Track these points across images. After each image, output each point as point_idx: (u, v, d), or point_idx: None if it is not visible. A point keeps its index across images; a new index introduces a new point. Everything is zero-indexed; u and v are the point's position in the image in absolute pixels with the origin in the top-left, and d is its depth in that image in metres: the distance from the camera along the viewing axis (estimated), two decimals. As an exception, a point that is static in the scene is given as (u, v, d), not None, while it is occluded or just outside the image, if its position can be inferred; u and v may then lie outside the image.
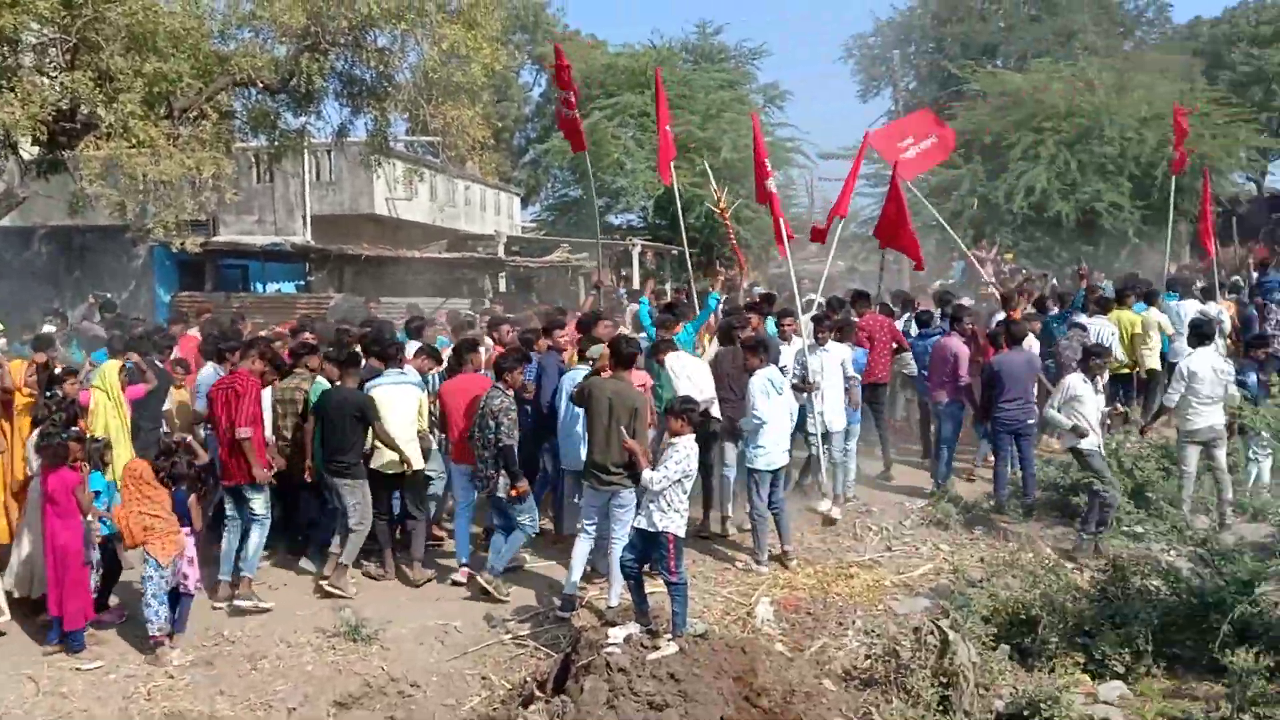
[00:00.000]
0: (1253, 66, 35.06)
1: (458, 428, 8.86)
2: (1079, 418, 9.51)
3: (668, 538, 7.06)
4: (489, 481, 8.37)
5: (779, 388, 9.28)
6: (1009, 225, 26.73)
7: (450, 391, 9.07)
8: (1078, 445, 9.59)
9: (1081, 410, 9.52)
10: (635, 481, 7.41)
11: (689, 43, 32.55)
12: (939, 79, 37.08)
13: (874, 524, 10.42)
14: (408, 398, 8.97)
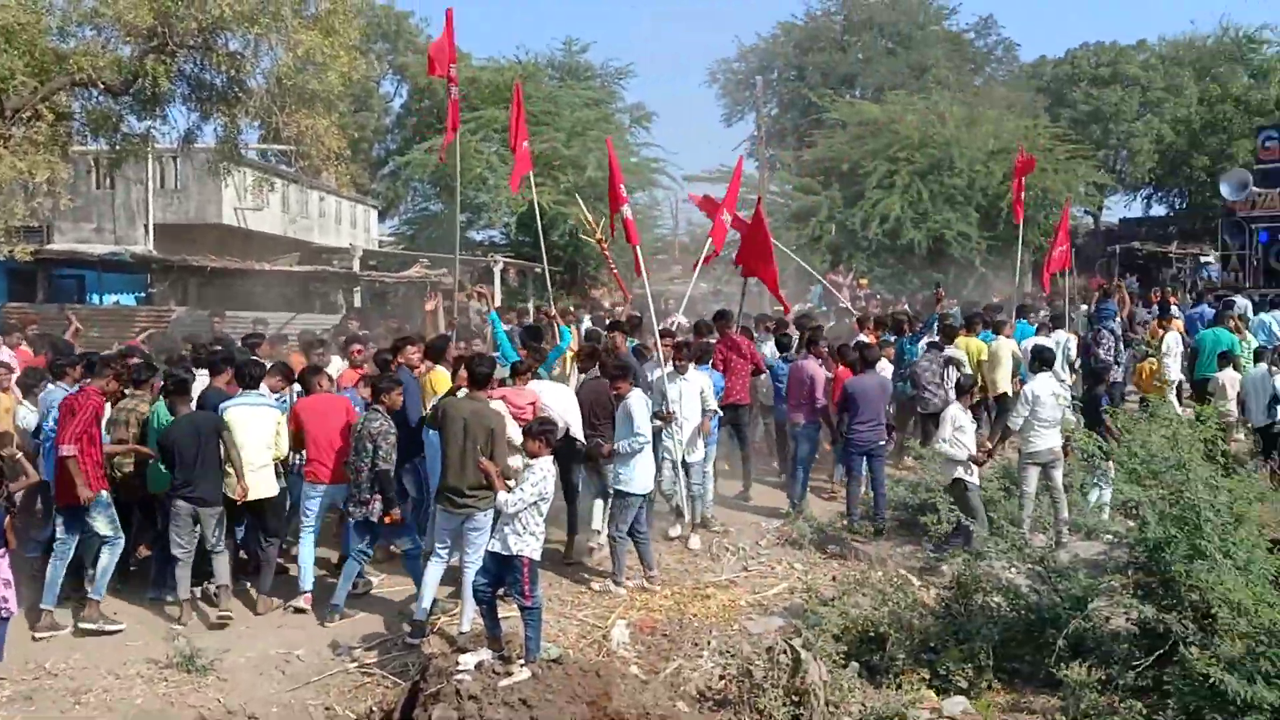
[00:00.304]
0: (1092, 105, 37.02)
1: (314, 449, 8.56)
2: (962, 448, 9.86)
3: (523, 561, 6.94)
4: (364, 506, 8.14)
5: (650, 409, 9.32)
6: (864, 251, 27.51)
7: (306, 412, 8.74)
8: (961, 476, 9.87)
9: (964, 440, 9.90)
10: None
11: (555, 59, 32.49)
12: (800, 106, 37.95)
13: (731, 544, 10.44)
14: (265, 420, 8.57)
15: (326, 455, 8.54)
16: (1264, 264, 20.76)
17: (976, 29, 43.34)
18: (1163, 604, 7.12)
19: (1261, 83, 35.64)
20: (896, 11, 41.16)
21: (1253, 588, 6.64)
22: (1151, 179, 39.08)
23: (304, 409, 8.80)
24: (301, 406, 8.87)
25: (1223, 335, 14.88)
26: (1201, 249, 33.02)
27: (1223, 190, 21.75)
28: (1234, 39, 38.52)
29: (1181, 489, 7.41)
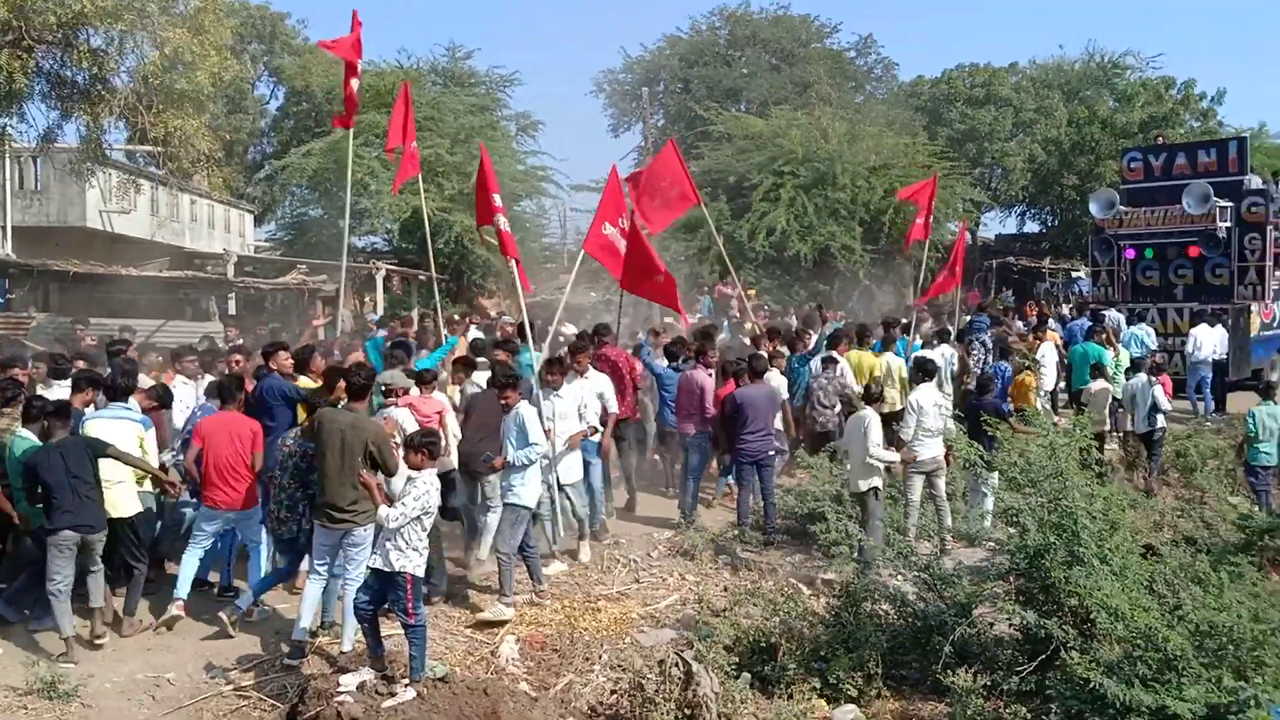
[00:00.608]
0: (967, 125, 38.15)
1: (211, 471, 8.13)
2: (891, 452, 10.10)
3: (405, 578, 6.72)
4: (282, 525, 7.91)
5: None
6: (752, 263, 27.77)
7: (206, 430, 8.30)
8: (877, 484, 9.96)
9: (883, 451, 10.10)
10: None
11: (439, 65, 32.06)
12: (686, 119, 38.22)
13: (622, 556, 10.35)
14: (124, 434, 8.08)
15: (223, 478, 8.12)
16: (1131, 279, 21.60)
17: (857, 48, 44.35)
18: (1044, 610, 7.25)
19: (1126, 106, 37.22)
20: (779, 29, 41.84)
21: (1128, 593, 6.81)
22: (1025, 197, 40.43)
23: (204, 428, 8.33)
24: (202, 425, 8.40)
25: (1091, 348, 15.46)
26: (1073, 264, 34.41)
27: (1091, 209, 22.54)
28: (1100, 64, 40.20)
29: (1059, 497, 7.59)
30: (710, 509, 12.08)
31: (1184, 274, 20.92)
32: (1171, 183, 21.04)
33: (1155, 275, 21.29)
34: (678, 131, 39.67)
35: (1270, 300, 20.08)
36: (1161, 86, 37.84)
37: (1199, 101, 38.00)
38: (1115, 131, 36.08)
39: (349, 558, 7.49)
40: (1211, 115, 38.05)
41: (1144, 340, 17.64)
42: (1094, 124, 36.84)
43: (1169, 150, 22.62)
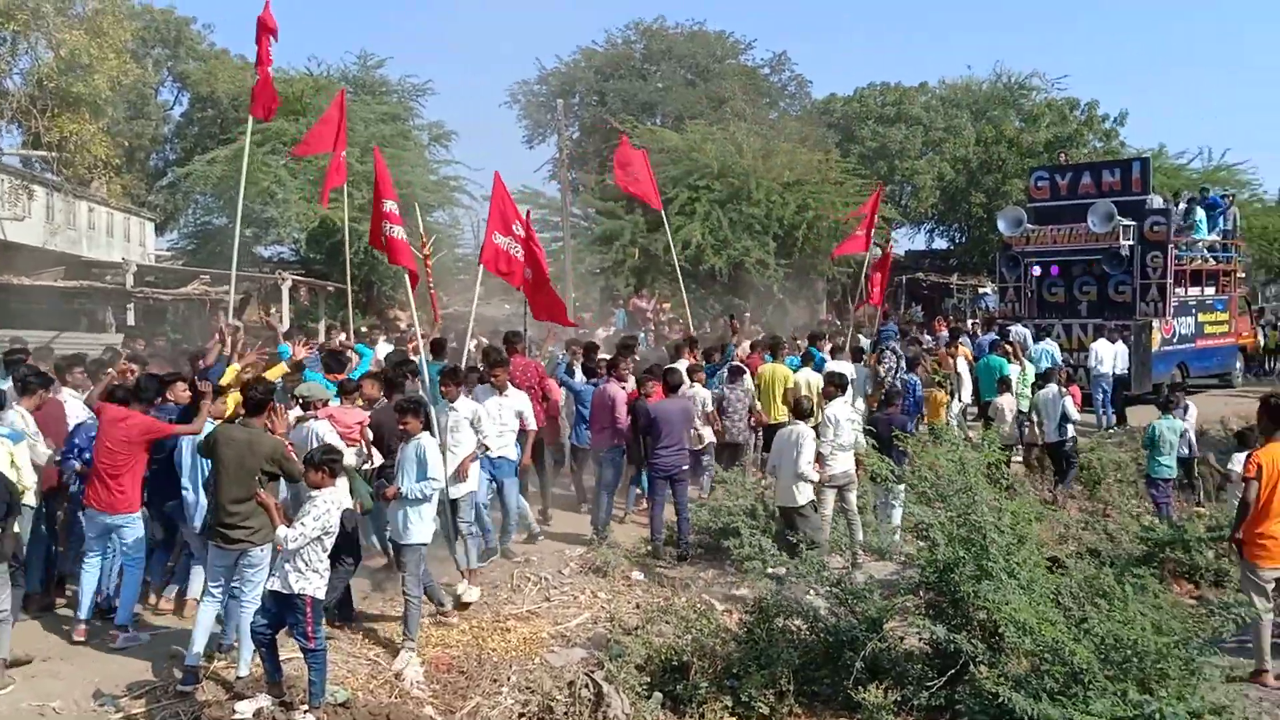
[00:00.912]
0: (879, 142, 38.73)
1: (97, 460, 7.89)
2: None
3: (305, 600, 6.48)
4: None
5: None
6: (667, 276, 27.79)
7: (104, 421, 8.02)
8: (813, 498, 9.93)
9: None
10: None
11: (349, 73, 31.55)
12: (602, 131, 38.19)
13: (532, 574, 10.17)
14: None
15: (100, 476, 7.84)
16: (1038, 296, 22.09)
17: (771, 65, 44.84)
18: (953, 624, 7.27)
19: (1032, 126, 38.14)
20: (695, 44, 42.12)
21: (1036, 606, 6.85)
22: (934, 214, 41.15)
23: (101, 414, 8.08)
24: (100, 410, 8.13)
25: (995, 361, 15.73)
26: (980, 281, 35.10)
27: (999, 226, 23.02)
28: (1007, 85, 41.16)
29: (968, 511, 7.62)
30: (623, 524, 11.98)
31: (1088, 290, 21.47)
32: (1077, 201, 21.62)
33: (1060, 292, 21.81)
34: (594, 144, 39.66)
35: (1171, 316, 20.68)
36: (1066, 107, 38.84)
37: (1102, 122, 39.07)
38: (1021, 151, 36.94)
39: (245, 579, 7.21)
40: (1114, 136, 39.14)
41: (1053, 355, 18.02)
42: (1001, 143, 37.67)
43: (1074, 170, 23.25)
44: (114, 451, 7.87)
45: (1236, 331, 24.31)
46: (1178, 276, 21.06)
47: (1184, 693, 6.25)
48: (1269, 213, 40.76)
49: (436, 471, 8.10)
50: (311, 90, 27.61)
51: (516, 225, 11.17)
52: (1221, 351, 23.44)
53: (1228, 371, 24.01)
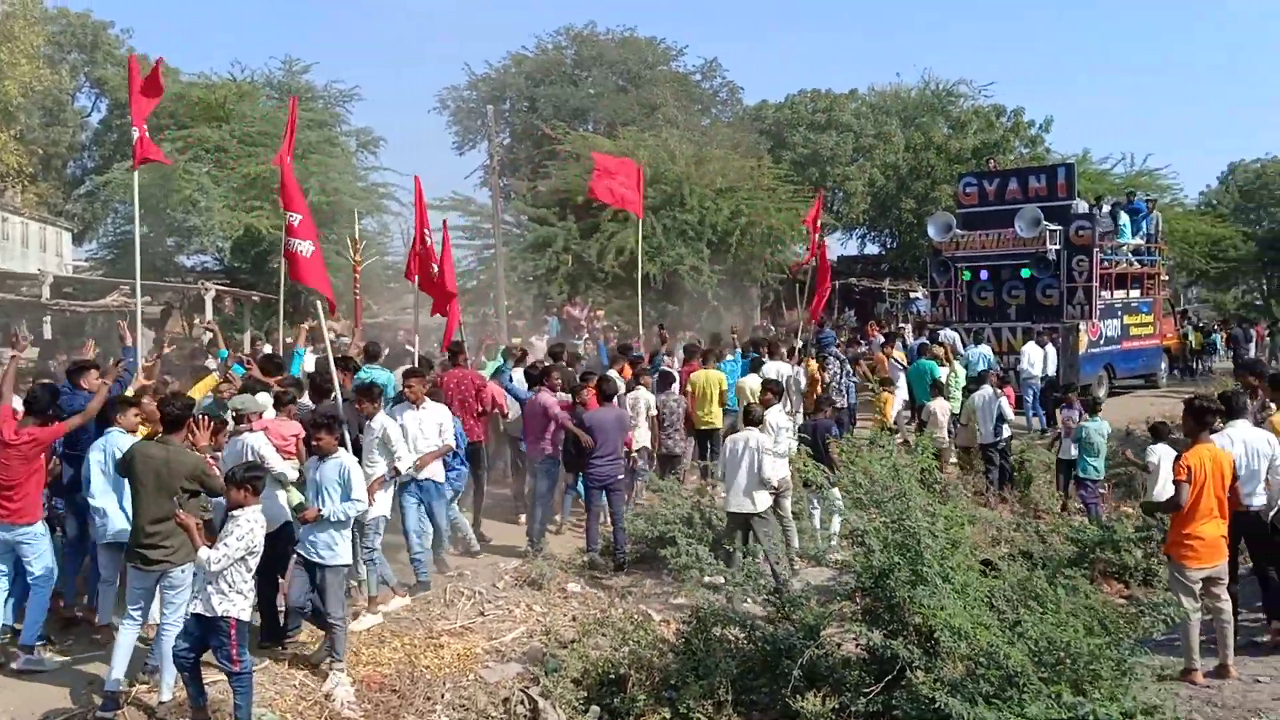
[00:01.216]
0: (810, 149, 39.01)
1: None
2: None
3: (229, 622, 6.29)
4: None
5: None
6: (601, 283, 27.70)
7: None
8: (769, 504, 9.84)
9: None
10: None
11: (274, 79, 31.02)
12: (534, 137, 38.00)
13: (466, 588, 10.00)
14: None
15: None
16: (968, 300, 22.38)
17: (702, 71, 44.95)
18: (889, 629, 7.27)
19: (959, 133, 38.62)
20: (626, 50, 42.07)
21: (970, 610, 6.87)
22: (865, 220, 41.51)
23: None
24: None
25: (926, 365, 15.89)
26: (911, 285, 35.51)
27: (930, 231, 23.28)
28: (935, 92, 41.72)
29: (903, 517, 7.62)
30: (560, 534, 11.85)
31: (1016, 294, 21.79)
32: (1004, 207, 21.92)
33: (990, 296, 22.10)
34: (525, 150, 39.43)
35: (1097, 319, 21.07)
36: (993, 114, 39.43)
37: (1028, 129, 39.74)
38: (950, 157, 37.42)
39: (166, 601, 6.99)
40: (1039, 142, 39.81)
41: (988, 358, 18.25)
42: (930, 150, 38.12)
43: (1001, 176, 23.59)
44: (7, 465, 7.56)
45: (1161, 333, 24.88)
46: (1103, 280, 21.45)
47: (1116, 693, 6.30)
48: (1189, 217, 41.87)
49: (360, 492, 7.81)
50: (235, 96, 27.07)
51: (428, 232, 11.20)
52: (1147, 353, 23.95)
53: (1153, 372, 24.54)
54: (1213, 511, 7.60)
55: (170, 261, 26.54)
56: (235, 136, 25.98)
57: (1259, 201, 56.68)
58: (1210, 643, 7.88)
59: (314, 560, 7.58)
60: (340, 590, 7.76)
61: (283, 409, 9.08)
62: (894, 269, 40.28)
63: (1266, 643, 8.39)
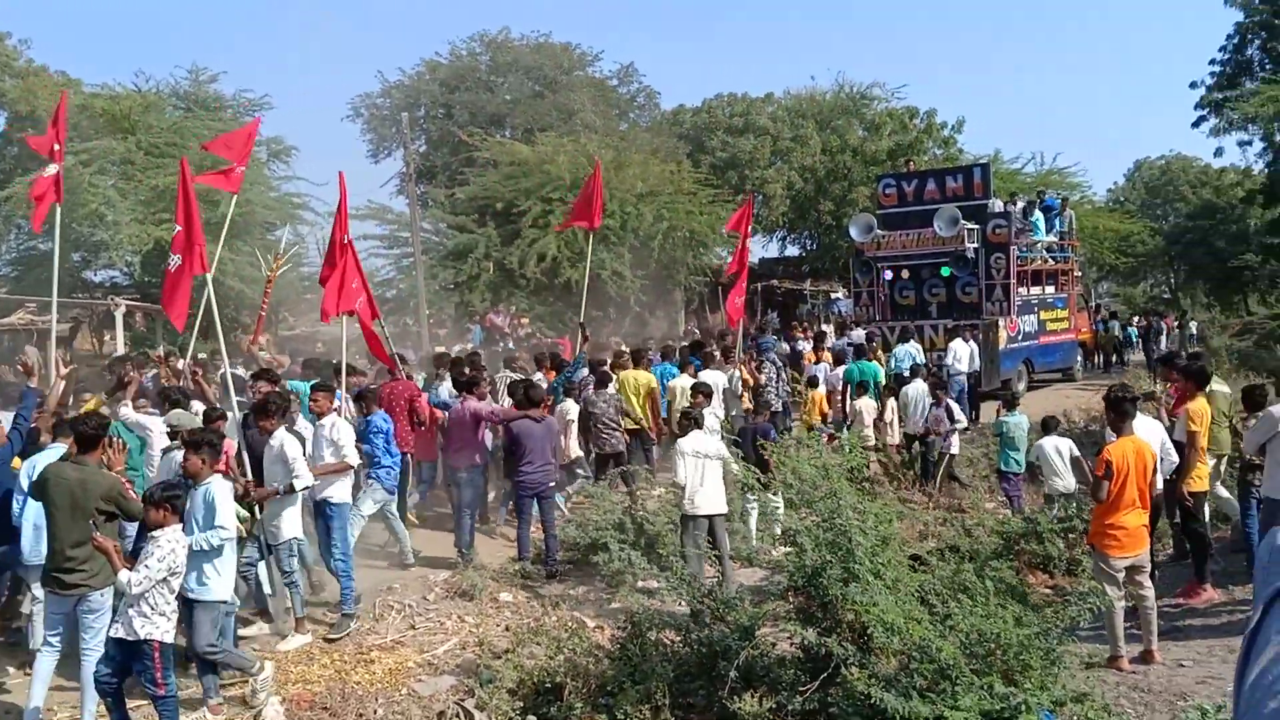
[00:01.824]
0: (729, 153, 39.23)
1: None
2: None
3: (152, 646, 6.10)
4: None
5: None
6: (523, 290, 27.56)
7: None
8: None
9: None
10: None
11: (180, 88, 30.29)
12: (450, 144, 37.66)
13: (396, 601, 9.83)
14: None
15: None
16: (890, 299, 22.72)
17: (619, 76, 44.97)
18: (823, 627, 7.30)
19: (874, 135, 39.16)
20: (541, 55, 41.88)
21: (902, 606, 6.93)
22: (785, 222, 41.80)
23: None
24: None
25: (867, 366, 16.11)
26: (831, 286, 35.92)
27: (851, 232, 23.55)
28: (849, 95, 42.24)
29: (834, 515, 7.68)
30: (493, 539, 11.74)
31: (937, 293, 22.16)
32: (923, 207, 22.29)
33: (911, 294, 22.45)
34: (442, 157, 39.06)
35: (1015, 315, 21.54)
36: (906, 116, 40.00)
37: (941, 130, 40.41)
38: (866, 159, 37.91)
39: (85, 626, 6.74)
40: (952, 143, 40.47)
41: (914, 356, 18.55)
42: (846, 152, 38.56)
43: (919, 176, 23.99)
44: None
45: (1076, 328, 25.53)
46: (1020, 277, 21.93)
47: (1046, 682, 6.42)
48: (1098, 213, 43.00)
49: (225, 518, 7.06)
50: (140, 108, 26.38)
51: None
52: (1063, 347, 24.55)
53: (1070, 366, 25.17)
54: (1135, 502, 7.77)
55: (78, 277, 25.74)
56: (142, 148, 25.30)
57: (1164, 197, 58.53)
58: (1135, 629, 8.06)
59: (184, 594, 6.80)
60: (213, 630, 7.11)
61: (213, 424, 8.86)
62: (814, 270, 40.68)
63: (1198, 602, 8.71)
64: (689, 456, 9.67)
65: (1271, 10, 33.36)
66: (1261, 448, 8.46)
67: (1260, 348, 25.32)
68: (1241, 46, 35.18)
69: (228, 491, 7.26)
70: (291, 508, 8.76)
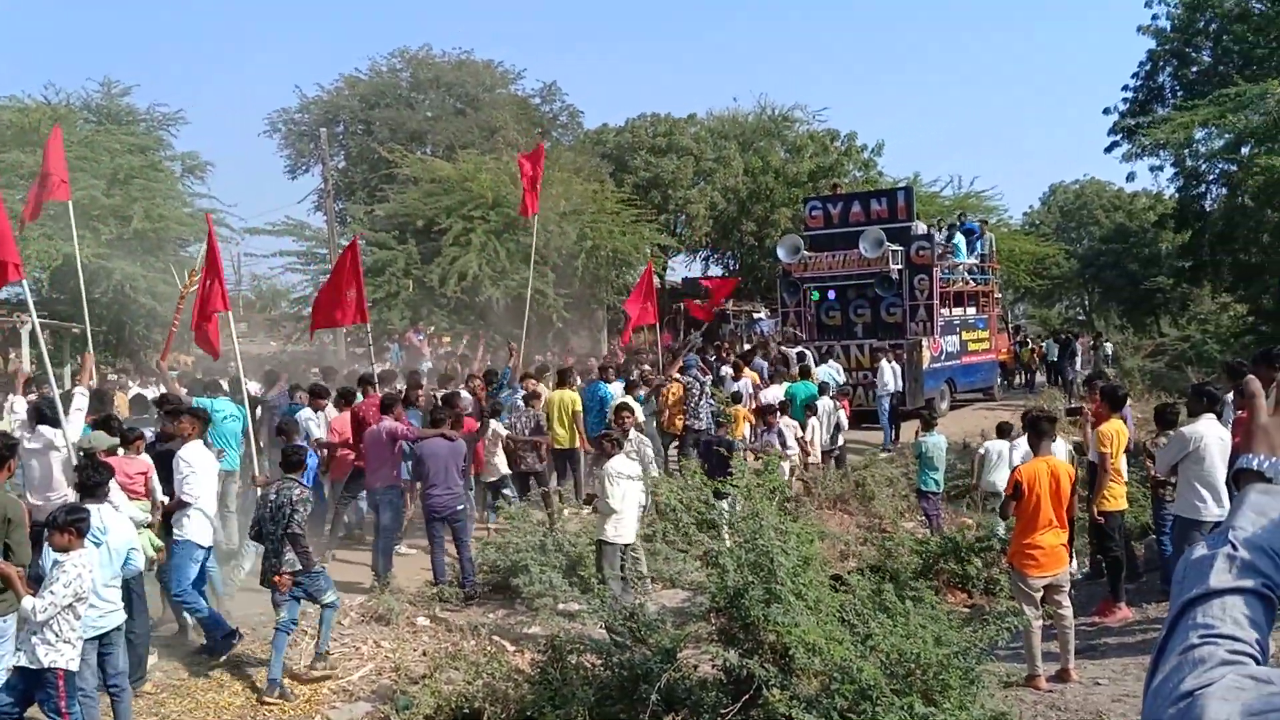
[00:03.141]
0: (652, 172, 39.33)
1: None
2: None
3: (56, 674, 5.85)
4: None
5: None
6: (443, 308, 27.27)
7: None
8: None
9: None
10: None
11: (92, 102, 29.52)
12: (370, 160, 37.20)
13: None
14: None
15: None
16: (817, 319, 22.97)
17: (542, 95, 44.95)
18: (745, 648, 7.26)
19: (796, 157, 39.64)
20: (463, 72, 41.67)
21: (823, 626, 6.93)
22: (708, 242, 42.05)
23: None
24: None
25: (806, 387, 16.27)
26: (754, 306, 36.17)
27: (779, 254, 23.81)
28: (771, 117, 42.72)
29: (755, 536, 7.66)
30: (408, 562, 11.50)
31: (863, 313, 22.48)
32: (848, 229, 22.64)
33: (838, 314, 22.75)
34: (361, 173, 38.58)
35: (938, 335, 21.91)
36: (827, 139, 40.57)
37: (861, 153, 41.03)
38: (787, 180, 38.30)
39: (-15, 655, 6.42)
40: (872, 166, 41.11)
41: (834, 377, 18.75)
42: (768, 173, 38.92)
43: (845, 199, 24.42)
44: None
45: (996, 348, 26.09)
46: (942, 298, 22.35)
47: (965, 701, 6.44)
48: (1015, 236, 43.98)
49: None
50: (49, 120, 25.62)
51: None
52: (984, 367, 25.08)
53: (990, 386, 25.71)
54: (1051, 521, 7.86)
55: (-21, 292, 24.85)
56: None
57: (1079, 221, 60.08)
58: (1053, 648, 8.16)
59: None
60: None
61: (130, 445, 8.60)
62: (737, 290, 40.92)
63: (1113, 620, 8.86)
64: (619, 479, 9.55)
65: (1182, 39, 34.55)
66: (1173, 467, 8.64)
67: (1172, 368, 26.12)
68: (1153, 74, 36.37)
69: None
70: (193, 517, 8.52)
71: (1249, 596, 1.38)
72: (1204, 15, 33.91)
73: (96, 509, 6.68)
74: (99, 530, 6.59)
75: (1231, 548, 1.41)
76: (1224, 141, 25.81)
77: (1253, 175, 23.03)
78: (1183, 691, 1.30)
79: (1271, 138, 23.15)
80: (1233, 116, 24.48)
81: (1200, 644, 1.34)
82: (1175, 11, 34.63)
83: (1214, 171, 30.36)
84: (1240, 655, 1.33)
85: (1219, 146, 26.54)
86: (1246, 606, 1.37)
